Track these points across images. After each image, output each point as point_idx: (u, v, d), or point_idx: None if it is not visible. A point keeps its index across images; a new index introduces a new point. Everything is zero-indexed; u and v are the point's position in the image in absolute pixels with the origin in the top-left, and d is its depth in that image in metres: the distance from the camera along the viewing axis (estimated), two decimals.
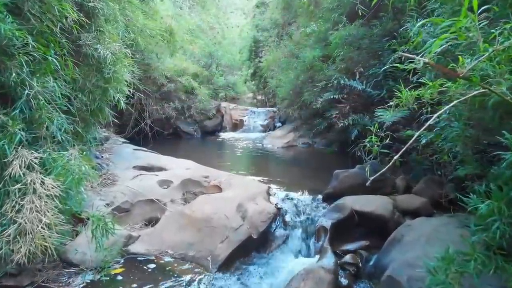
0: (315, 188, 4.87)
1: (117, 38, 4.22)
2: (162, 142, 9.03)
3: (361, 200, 4.06)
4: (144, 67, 8.95)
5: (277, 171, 6.16)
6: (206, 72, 9.94)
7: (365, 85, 5.70)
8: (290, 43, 9.89)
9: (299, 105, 8.84)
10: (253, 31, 17.23)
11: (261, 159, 7.15)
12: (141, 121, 8.99)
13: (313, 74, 7.60)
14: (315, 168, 6.30)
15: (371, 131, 5.46)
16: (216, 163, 6.74)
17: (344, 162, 6.43)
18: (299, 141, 8.59)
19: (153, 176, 4.84)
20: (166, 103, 9.27)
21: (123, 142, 6.33)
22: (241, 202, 3.92)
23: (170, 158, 5.79)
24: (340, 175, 4.44)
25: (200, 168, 5.37)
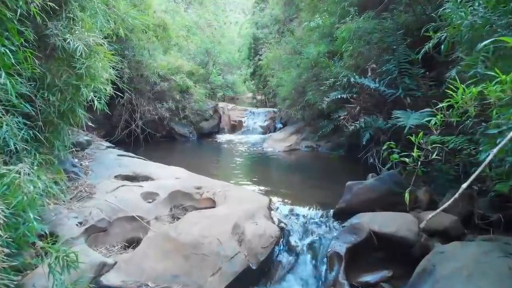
0: (324, 201, 4.24)
1: (91, 27, 3.58)
2: (154, 145, 8.39)
3: (380, 219, 3.43)
4: (135, 65, 8.33)
5: (279, 179, 5.53)
6: (202, 70, 9.31)
7: (378, 83, 5.06)
8: (292, 39, 9.25)
9: (302, 106, 8.21)
10: (253, 29, 16.62)
11: (261, 165, 6.52)
12: (132, 122, 8.35)
13: (318, 71, 6.97)
14: (322, 175, 5.67)
15: (384, 134, 4.83)
16: (211, 169, 6.11)
17: (354, 169, 5.80)
18: (302, 145, 7.96)
19: (137, 187, 4.20)
20: (159, 103, 8.62)
21: (107, 146, 5.69)
22: (237, 221, 3.29)
23: (158, 165, 5.15)
24: (354, 188, 3.81)
25: (192, 177, 4.73)
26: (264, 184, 5.03)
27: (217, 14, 19.01)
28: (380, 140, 5.07)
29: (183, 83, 8.51)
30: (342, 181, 5.22)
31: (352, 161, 6.23)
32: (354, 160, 6.23)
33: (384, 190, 3.73)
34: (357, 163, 6.02)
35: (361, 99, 5.40)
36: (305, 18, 9.11)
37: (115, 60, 5.33)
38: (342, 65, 6.18)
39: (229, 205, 3.76)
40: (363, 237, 3.19)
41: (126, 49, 7.81)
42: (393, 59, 5.15)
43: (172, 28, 9.23)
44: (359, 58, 5.86)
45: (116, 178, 4.52)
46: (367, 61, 5.73)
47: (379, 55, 5.45)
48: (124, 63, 7.65)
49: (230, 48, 19.33)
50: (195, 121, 9.54)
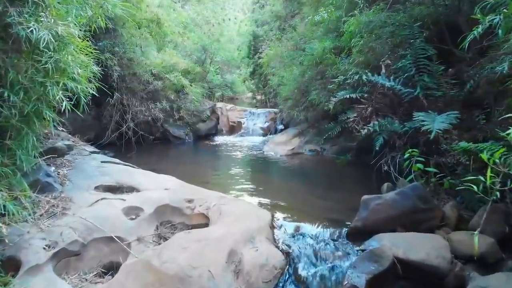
0: (335, 216, 3.68)
1: (62, 15, 3.02)
2: (147, 148, 7.84)
3: (405, 242, 2.87)
4: (127, 62, 7.78)
5: (282, 188, 4.97)
6: (199, 69, 8.75)
7: (394, 81, 4.51)
8: (294, 35, 8.69)
9: (305, 106, 7.67)
10: (252, 26, 16.09)
11: (261, 172, 5.96)
12: (123, 124, 7.79)
13: (323, 69, 6.42)
14: (329, 184, 5.11)
15: (400, 139, 4.28)
16: (206, 176, 5.56)
17: (365, 176, 5.26)
18: (305, 148, 7.41)
19: (119, 201, 3.64)
20: (152, 103, 8.07)
21: (91, 152, 5.12)
22: (233, 246, 2.74)
23: (146, 173, 4.60)
24: (371, 204, 3.25)
25: (183, 187, 4.18)
26: (265, 195, 4.48)
27: (216, 12, 18.45)
28: (396, 146, 4.52)
29: (178, 82, 7.95)
30: (353, 191, 4.69)
31: (362, 167, 5.67)
32: (364, 166, 5.67)
33: (407, 206, 3.18)
34: (367, 169, 5.47)
35: (373, 99, 4.85)
36: (307, 13, 8.56)
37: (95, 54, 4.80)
38: (351, 62, 5.63)
39: (224, 223, 3.20)
40: (386, 266, 2.64)
41: (116, 45, 7.26)
42: (410, 55, 4.59)
43: (167, 24, 8.68)
44: (370, 54, 5.31)
45: (97, 189, 3.96)
46: (379, 57, 5.18)
47: (393, 50, 4.90)
48: (113, 60, 7.11)
49: (229, 46, 18.80)
50: (191, 122, 8.98)
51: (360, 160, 5.87)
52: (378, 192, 4.46)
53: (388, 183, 4.37)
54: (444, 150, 4.26)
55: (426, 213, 3.27)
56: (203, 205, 3.67)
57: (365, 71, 4.78)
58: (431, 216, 3.27)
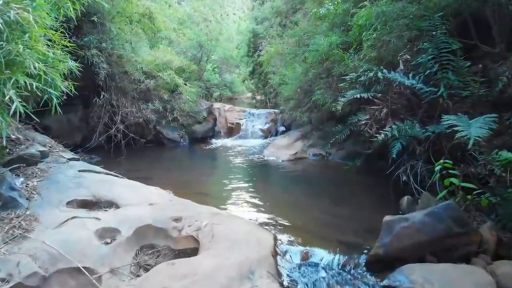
0: (349, 238, 3.12)
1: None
2: (138, 152, 7.26)
3: (440, 278, 2.31)
4: (117, 60, 7.20)
5: (286, 201, 4.38)
6: (194, 66, 8.17)
7: (413, 79, 3.94)
8: (296, 30, 8.11)
9: (309, 107, 7.10)
10: (252, 24, 15.52)
11: (261, 180, 5.38)
12: (113, 126, 7.21)
13: (330, 66, 5.86)
14: (339, 196, 4.53)
15: (421, 145, 3.70)
16: (200, 186, 4.99)
17: (378, 186, 4.69)
18: (309, 152, 6.84)
19: (93, 220, 3.07)
20: (144, 103, 7.49)
21: (69, 159, 4.55)
22: (227, 285, 2.16)
23: (130, 184, 4.03)
24: (396, 227, 2.68)
25: (171, 202, 3.61)
26: (267, 209, 3.91)
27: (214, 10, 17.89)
28: (417, 153, 3.94)
29: (172, 81, 7.37)
30: (368, 205, 4.11)
31: (374, 175, 5.11)
32: (376, 174, 5.10)
33: (440, 230, 2.61)
34: (380, 177, 4.90)
35: (389, 100, 4.28)
36: (310, 7, 7.99)
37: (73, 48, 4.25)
38: (361, 58, 5.06)
39: (217, 251, 2.63)
40: None
41: (104, 41, 6.68)
42: (431, 49, 4.02)
43: (160, 19, 8.11)
44: (384, 48, 4.74)
45: (69, 205, 3.39)
46: (394, 52, 4.61)
47: (411, 44, 4.32)
48: (100, 57, 6.54)
49: (228, 45, 18.24)
50: (186, 124, 8.40)
51: (371, 167, 5.30)
52: (396, 206, 3.91)
53: (407, 196, 3.81)
54: (473, 158, 3.71)
55: (461, 238, 2.70)
56: (193, 225, 3.10)
57: (381, 68, 4.21)
58: (467, 241, 2.70)
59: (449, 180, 2.94)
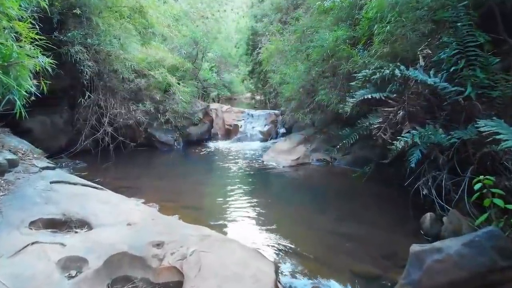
0: (366, 268, 2.59)
1: None
2: (128, 157, 6.73)
3: None
4: (105, 57, 6.66)
5: (288, 218, 3.82)
6: (189, 64, 7.63)
7: (435, 77, 3.41)
8: (298, 27, 7.58)
9: (312, 108, 6.58)
10: (251, 22, 15.00)
11: (261, 190, 4.82)
12: (100, 128, 6.68)
13: (337, 63, 5.33)
14: (349, 211, 3.99)
15: (444, 153, 3.14)
16: (191, 197, 4.43)
17: (392, 198, 4.18)
18: (313, 157, 6.31)
19: (57, 247, 2.54)
20: (134, 104, 6.96)
21: (42, 168, 4.01)
22: None
23: (108, 197, 3.50)
24: (427, 260, 2.15)
25: (153, 220, 3.08)
26: (266, 228, 3.39)
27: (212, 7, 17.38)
28: (440, 162, 3.41)
29: (164, 80, 6.83)
30: (383, 222, 3.50)
31: (386, 184, 4.60)
32: (388, 182, 4.60)
33: (482, 264, 2.09)
34: (392, 186, 4.40)
35: (405, 101, 3.75)
36: (313, 2, 7.46)
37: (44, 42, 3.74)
38: (372, 54, 4.54)
39: None
40: None
41: (89, 36, 6.14)
42: (455, 43, 3.50)
43: (152, 13, 7.58)
44: (398, 43, 4.21)
45: (33, 225, 2.86)
46: (410, 47, 4.09)
47: (431, 37, 3.80)
48: (85, 54, 6.00)
49: (227, 44, 17.73)
50: (180, 126, 7.87)
51: (381, 175, 4.78)
52: (416, 224, 3.37)
53: (430, 213, 3.28)
54: (505, 169, 3.19)
55: (506, 273, 2.17)
56: (177, 253, 2.57)
57: (397, 64, 3.68)
58: None
59: (490, 200, 2.41)
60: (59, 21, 5.98)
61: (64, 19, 6.15)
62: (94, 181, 4.99)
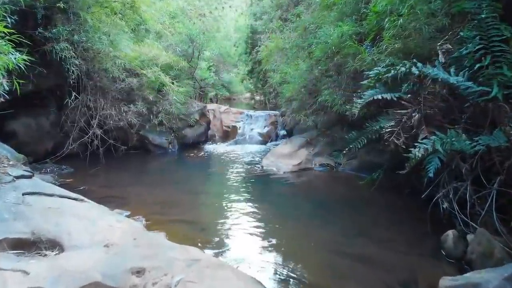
0: None
1: None
2: (119, 161, 6.33)
3: None
4: (95, 55, 6.26)
5: (289, 234, 3.36)
6: (184, 63, 7.21)
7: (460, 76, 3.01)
8: (299, 24, 7.19)
9: (315, 109, 6.19)
10: (250, 20, 14.61)
11: (259, 200, 4.35)
12: (89, 130, 6.28)
13: (342, 61, 4.94)
14: (357, 223, 3.59)
15: (466, 162, 2.78)
16: (183, 207, 4.02)
17: (406, 208, 3.78)
18: (315, 161, 5.91)
19: (18, 275, 2.14)
20: (125, 105, 6.56)
21: (16, 176, 3.61)
22: None
23: (87, 212, 3.10)
24: None
25: (135, 240, 2.67)
26: (265, 248, 2.99)
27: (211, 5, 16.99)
28: (463, 172, 3.01)
29: (156, 79, 6.43)
30: (397, 238, 3.05)
31: (396, 192, 4.21)
32: (396, 190, 4.21)
33: None
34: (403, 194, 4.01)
35: (421, 102, 3.35)
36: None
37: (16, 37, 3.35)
38: (382, 51, 4.14)
39: None
40: None
41: (76, 33, 5.74)
42: (479, 37, 3.10)
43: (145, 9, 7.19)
44: (411, 38, 3.82)
45: None
46: (423, 42, 3.70)
47: (450, 31, 3.40)
48: (71, 52, 5.60)
49: (226, 43, 17.34)
50: (176, 128, 7.47)
51: (391, 182, 4.38)
52: (436, 241, 2.98)
53: (453, 231, 2.88)
54: None
55: None
56: (160, 282, 2.17)
57: (414, 61, 3.28)
58: None
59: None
60: (44, 17, 5.58)
61: (50, 14, 5.75)
62: (78, 190, 4.60)
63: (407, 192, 4.41)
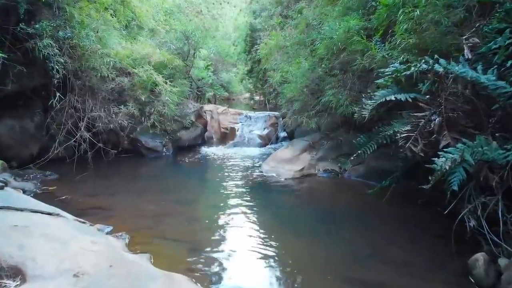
0: None
1: None
2: (109, 166, 5.93)
3: None
4: (84, 52, 5.84)
5: (293, 258, 2.88)
6: (178, 61, 6.80)
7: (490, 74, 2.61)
8: (301, 20, 6.79)
9: (318, 110, 5.79)
10: (250, 18, 14.19)
11: (258, 213, 3.90)
12: (77, 132, 5.88)
13: (348, 59, 4.54)
14: (370, 242, 3.18)
15: (495, 173, 2.39)
16: (171, 223, 3.58)
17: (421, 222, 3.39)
18: (319, 167, 5.51)
19: None
20: (116, 106, 6.15)
21: None
22: None
23: (61, 228, 2.70)
24: None
25: (111, 268, 2.27)
26: (264, 275, 2.58)
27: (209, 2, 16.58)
28: (494, 186, 2.61)
29: (148, 79, 6.02)
30: (416, 261, 2.56)
31: (408, 203, 3.81)
32: (409, 199, 3.81)
33: None
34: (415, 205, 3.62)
35: (442, 104, 2.95)
36: None
37: None
38: (394, 47, 3.75)
39: None
40: None
41: (61, 28, 5.34)
42: (510, 30, 2.70)
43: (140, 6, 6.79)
44: (427, 32, 3.42)
45: None
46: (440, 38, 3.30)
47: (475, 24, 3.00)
48: (55, 49, 5.20)
49: (225, 43, 16.92)
50: (170, 130, 7.08)
51: (404, 190, 4.00)
52: (462, 265, 2.59)
53: (483, 254, 2.48)
54: None
55: None
56: None
57: (436, 58, 2.88)
58: None
59: None
60: (27, 11, 5.17)
61: (34, 9, 5.34)
62: (60, 200, 4.23)
63: (421, 202, 4.03)
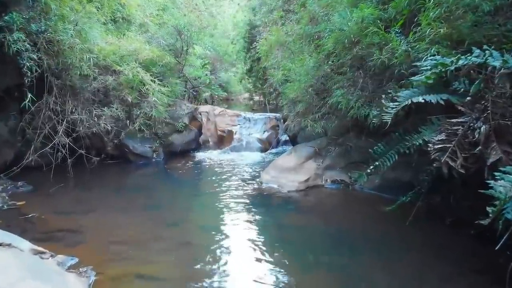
0: None
1: None
2: (90, 175, 5.30)
3: None
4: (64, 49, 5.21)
5: None
6: (169, 58, 6.16)
7: None
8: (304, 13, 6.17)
9: (324, 112, 5.17)
10: (249, 15, 13.58)
11: (257, 235, 3.20)
12: (54, 137, 5.26)
13: (363, 53, 3.91)
14: (395, 277, 2.56)
15: None
16: (153, 251, 2.96)
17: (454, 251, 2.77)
18: (326, 177, 4.89)
19: None
20: (99, 108, 5.53)
21: None
22: None
23: (8, 264, 2.07)
24: None
25: None
26: None
27: None
28: None
29: (134, 77, 5.39)
30: None
31: (435, 222, 3.20)
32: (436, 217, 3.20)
33: None
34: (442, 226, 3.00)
35: (488, 108, 2.34)
36: None
37: None
38: (420, 38, 3.13)
39: None
40: None
41: (35, 20, 4.72)
42: None
43: None
44: (462, 21, 2.80)
45: None
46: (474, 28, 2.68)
47: None
48: (27, 44, 4.58)
49: (223, 41, 16.31)
50: (161, 134, 6.46)
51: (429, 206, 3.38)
52: None
53: None
54: None
55: None
56: None
57: (488, 50, 2.26)
58: None
59: None
60: None
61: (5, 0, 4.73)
62: (25, 218, 3.61)
63: (450, 222, 3.43)
